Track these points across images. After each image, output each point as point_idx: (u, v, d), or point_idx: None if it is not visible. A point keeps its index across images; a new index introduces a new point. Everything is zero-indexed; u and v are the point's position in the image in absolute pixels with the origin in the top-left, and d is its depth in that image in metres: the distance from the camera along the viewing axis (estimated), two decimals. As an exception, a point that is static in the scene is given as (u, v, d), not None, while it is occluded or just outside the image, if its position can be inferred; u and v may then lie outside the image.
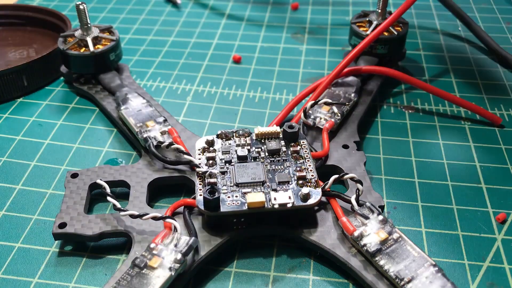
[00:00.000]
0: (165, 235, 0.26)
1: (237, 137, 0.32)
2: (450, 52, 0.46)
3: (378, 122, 0.38)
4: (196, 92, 0.42)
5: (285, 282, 0.27)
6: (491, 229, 0.29)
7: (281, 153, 0.30)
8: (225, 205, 0.27)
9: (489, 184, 0.32)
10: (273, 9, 0.54)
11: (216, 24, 0.52)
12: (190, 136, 0.34)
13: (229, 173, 0.29)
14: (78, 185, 0.30)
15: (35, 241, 0.29)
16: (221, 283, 0.27)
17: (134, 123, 0.34)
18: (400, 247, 0.26)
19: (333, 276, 0.27)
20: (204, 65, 0.45)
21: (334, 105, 0.36)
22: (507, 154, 0.35)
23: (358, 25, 0.42)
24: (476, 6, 0.53)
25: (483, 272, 0.27)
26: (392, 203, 0.31)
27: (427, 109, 0.39)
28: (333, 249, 0.27)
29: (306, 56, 0.46)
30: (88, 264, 0.28)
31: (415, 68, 0.44)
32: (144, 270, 0.24)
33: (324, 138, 0.32)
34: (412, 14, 0.52)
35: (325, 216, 0.28)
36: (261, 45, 0.48)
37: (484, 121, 0.38)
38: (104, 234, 0.28)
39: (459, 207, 0.31)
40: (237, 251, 0.29)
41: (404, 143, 0.36)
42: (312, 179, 0.29)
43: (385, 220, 0.27)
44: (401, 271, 0.24)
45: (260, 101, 0.40)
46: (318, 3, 0.55)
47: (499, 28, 0.50)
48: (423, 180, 0.33)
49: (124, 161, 0.35)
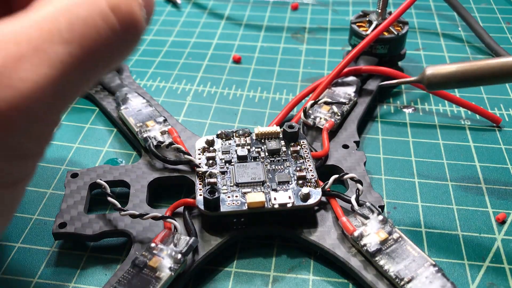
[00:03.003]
0: (165, 235, 0.26)
1: (237, 137, 0.32)
2: (450, 52, 0.46)
3: (378, 122, 0.38)
4: (196, 92, 0.42)
5: (285, 282, 0.27)
6: (491, 229, 0.29)
7: (281, 153, 0.30)
8: (225, 205, 0.27)
9: (489, 184, 0.32)
10: (273, 9, 0.54)
11: (216, 24, 0.52)
12: (190, 136, 0.34)
13: (229, 173, 0.29)
14: (78, 185, 0.30)
15: (35, 241, 0.29)
16: (221, 283, 0.27)
17: (134, 123, 0.34)
18: (400, 247, 0.26)
19: (333, 276, 0.27)
20: (204, 65, 0.45)
21: (334, 105, 0.36)
22: (507, 154, 0.35)
23: (358, 25, 0.42)
24: (476, 6, 0.53)
25: (483, 272, 0.27)
26: (392, 203, 0.31)
27: (427, 109, 0.39)
28: (333, 249, 0.27)
29: (306, 56, 0.46)
30: (88, 264, 0.28)
31: (415, 68, 0.44)
32: (144, 270, 0.24)
33: (324, 138, 0.32)
34: (412, 14, 0.52)
35: (325, 216, 0.28)
36: (261, 45, 0.48)
37: (484, 121, 0.38)
38: (104, 234, 0.28)
39: (459, 207, 0.31)
40: (237, 251, 0.29)
41: (404, 143, 0.36)
42: (312, 179, 0.29)
43: (385, 220, 0.27)
44: (401, 271, 0.24)
45: (260, 101, 0.40)
46: (318, 3, 0.55)
47: (499, 28, 0.50)
48: (423, 180, 0.33)
49: (124, 161, 0.35)
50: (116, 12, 0.17)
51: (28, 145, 0.16)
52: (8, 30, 0.15)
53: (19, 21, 0.16)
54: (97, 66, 0.17)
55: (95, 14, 0.17)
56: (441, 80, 0.27)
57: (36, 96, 0.15)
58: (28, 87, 0.15)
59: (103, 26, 0.17)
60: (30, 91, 0.15)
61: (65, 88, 0.16)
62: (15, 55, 0.15)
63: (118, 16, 0.17)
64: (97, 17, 0.17)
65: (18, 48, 0.15)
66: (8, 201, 0.16)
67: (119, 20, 0.17)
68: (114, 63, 0.18)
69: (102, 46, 0.17)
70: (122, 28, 0.18)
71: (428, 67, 0.28)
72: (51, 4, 0.17)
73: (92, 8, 0.17)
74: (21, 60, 0.15)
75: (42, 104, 0.15)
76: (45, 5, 0.17)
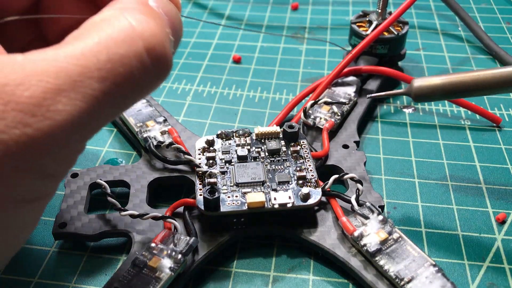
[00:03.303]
0: (165, 235, 0.26)
1: (237, 137, 0.32)
2: (450, 52, 0.46)
3: (378, 122, 0.38)
4: (196, 92, 0.42)
5: (285, 282, 0.27)
6: (491, 229, 0.29)
7: (281, 153, 0.30)
8: (225, 205, 0.27)
9: (489, 184, 0.32)
10: (273, 9, 0.54)
11: (216, 24, 0.52)
12: (190, 136, 0.34)
13: (229, 173, 0.29)
14: (78, 185, 0.30)
15: (35, 241, 0.29)
16: (221, 283, 0.27)
17: (134, 123, 0.34)
18: (400, 247, 0.26)
19: (333, 276, 0.27)
20: (204, 65, 0.45)
21: (334, 105, 0.36)
22: (507, 154, 0.35)
23: (358, 25, 0.42)
24: (476, 6, 0.53)
25: (483, 272, 0.27)
26: (392, 203, 0.31)
27: (427, 109, 0.39)
28: (333, 249, 0.27)
29: (306, 56, 0.46)
30: (88, 264, 0.28)
31: (415, 68, 0.44)
32: (144, 270, 0.24)
33: (324, 138, 0.32)
34: (412, 14, 0.52)
35: (325, 216, 0.28)
36: (261, 45, 0.48)
37: (484, 121, 0.38)
38: (104, 234, 0.28)
39: (459, 207, 0.31)
40: (237, 251, 0.29)
41: (404, 143, 0.36)
42: (312, 179, 0.29)
43: (385, 220, 0.27)
44: (401, 271, 0.24)
45: (260, 101, 0.40)
46: (318, 3, 0.55)
47: (499, 28, 0.49)
48: (423, 180, 0.33)
49: (124, 161, 0.35)
50: (150, 53, 0.18)
51: (54, 167, 0.17)
52: (49, 63, 0.16)
53: (59, 53, 0.17)
54: (126, 100, 0.19)
55: (131, 55, 0.18)
56: (428, 92, 0.28)
57: (69, 127, 0.16)
58: (63, 119, 0.16)
59: (138, 67, 0.18)
60: (65, 123, 0.16)
61: (94, 120, 0.17)
62: (54, 88, 0.16)
63: (152, 57, 0.18)
64: (133, 58, 0.18)
65: (58, 81, 0.16)
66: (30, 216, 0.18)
67: (153, 61, 0.18)
68: (142, 97, 0.19)
69: (134, 85, 0.18)
70: (154, 68, 0.19)
71: (415, 80, 0.28)
72: (90, 38, 0.18)
73: (130, 48, 0.18)
74: (59, 93, 0.16)
75: (72, 134, 0.17)
76: (83, 39, 0.18)
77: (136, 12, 0.19)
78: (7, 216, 0.16)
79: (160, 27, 0.19)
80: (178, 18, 0.22)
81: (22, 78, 0.16)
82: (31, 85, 0.16)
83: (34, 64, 0.16)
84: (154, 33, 0.19)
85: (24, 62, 0.16)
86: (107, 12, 0.19)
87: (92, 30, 0.18)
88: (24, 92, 0.15)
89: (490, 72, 0.27)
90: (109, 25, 0.18)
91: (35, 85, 0.16)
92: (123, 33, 0.18)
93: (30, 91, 0.16)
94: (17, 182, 0.16)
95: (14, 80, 0.15)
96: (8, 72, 0.16)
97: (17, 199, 0.16)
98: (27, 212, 0.17)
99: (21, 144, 0.15)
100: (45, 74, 0.16)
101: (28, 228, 0.18)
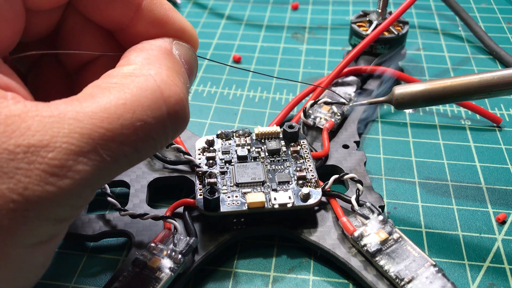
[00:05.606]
0: (165, 235, 0.26)
1: (237, 137, 0.32)
2: (450, 52, 0.46)
3: (378, 122, 0.38)
4: (196, 92, 0.41)
5: (285, 282, 0.27)
6: (491, 229, 0.29)
7: (281, 153, 0.30)
8: (225, 205, 0.27)
9: (489, 184, 0.32)
10: (273, 9, 0.54)
11: (216, 24, 0.52)
12: (190, 136, 0.34)
13: (229, 173, 0.29)
14: (78, 185, 0.30)
15: (35, 241, 0.29)
16: (221, 283, 0.27)
17: (134, 123, 0.33)
18: (400, 247, 0.26)
19: (333, 276, 0.27)
20: (204, 65, 0.45)
21: (334, 105, 0.36)
22: (507, 154, 0.35)
23: (358, 25, 0.42)
24: (476, 6, 0.53)
25: (483, 272, 0.27)
26: (392, 203, 0.31)
27: (427, 109, 0.39)
28: (333, 249, 0.27)
29: (306, 56, 0.46)
30: (88, 264, 0.28)
31: (415, 68, 0.44)
32: (144, 270, 0.24)
33: (324, 138, 0.32)
34: (412, 14, 0.52)
35: (325, 216, 0.28)
36: (261, 45, 0.48)
37: (485, 121, 0.38)
38: (104, 234, 0.28)
39: (459, 207, 0.31)
40: (237, 251, 0.29)
41: (404, 143, 0.36)
42: (312, 179, 0.28)
43: (385, 220, 0.27)
44: (401, 271, 0.24)
45: (260, 101, 0.40)
46: (318, 3, 0.55)
47: (499, 28, 0.49)
48: (423, 180, 0.33)
49: (124, 161, 0.35)
50: (172, 117, 0.19)
51: (67, 214, 0.18)
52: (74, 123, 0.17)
53: (85, 111, 0.17)
54: (142, 157, 0.19)
55: (154, 122, 0.18)
56: (409, 100, 0.28)
57: (85, 184, 0.17)
58: (81, 178, 0.17)
59: (158, 131, 0.19)
60: (82, 181, 0.17)
61: (110, 176, 0.18)
62: (77, 151, 0.17)
63: (173, 120, 0.19)
64: (155, 124, 0.18)
65: (81, 144, 0.17)
66: (42, 257, 0.18)
67: (172, 124, 0.19)
68: (156, 152, 0.20)
69: (152, 145, 0.19)
70: (172, 129, 0.19)
71: (396, 87, 0.28)
72: (116, 97, 0.18)
73: (154, 114, 0.18)
74: (81, 155, 0.17)
75: (87, 189, 0.17)
76: (108, 95, 0.18)
77: (162, 67, 0.19)
78: (22, 258, 0.17)
79: (183, 85, 0.20)
80: (196, 62, 0.22)
81: (48, 140, 0.16)
82: (55, 147, 0.16)
83: (60, 124, 0.17)
84: (178, 97, 0.19)
85: (51, 120, 0.16)
86: (132, 65, 0.19)
87: (118, 86, 0.18)
88: (48, 153, 0.16)
89: (468, 78, 0.27)
90: (136, 85, 0.18)
91: (59, 147, 0.16)
92: (150, 97, 0.18)
93: (54, 153, 0.16)
94: (34, 228, 0.17)
95: (41, 142, 0.16)
96: (34, 130, 0.16)
97: (32, 243, 0.17)
98: (39, 253, 0.18)
99: (41, 198, 0.16)
100: (70, 136, 0.17)
101: (40, 268, 0.19)
